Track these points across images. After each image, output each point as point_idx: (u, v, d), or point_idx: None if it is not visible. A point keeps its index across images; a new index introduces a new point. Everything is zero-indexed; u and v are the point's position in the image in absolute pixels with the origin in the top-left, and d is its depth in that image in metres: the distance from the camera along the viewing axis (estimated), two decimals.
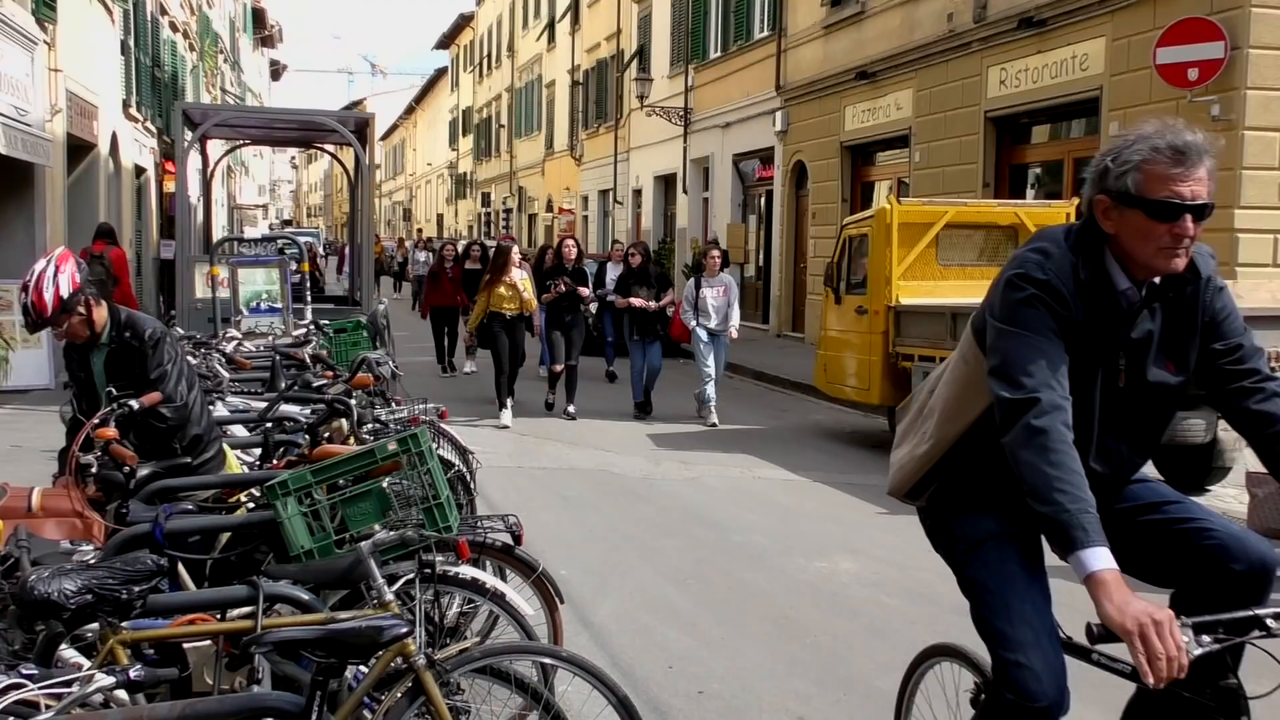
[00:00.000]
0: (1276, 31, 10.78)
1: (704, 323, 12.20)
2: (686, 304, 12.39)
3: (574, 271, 12.71)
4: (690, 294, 12.34)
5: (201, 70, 31.01)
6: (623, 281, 13.33)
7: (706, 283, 12.28)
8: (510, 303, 11.66)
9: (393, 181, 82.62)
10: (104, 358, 4.67)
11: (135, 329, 4.65)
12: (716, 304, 12.20)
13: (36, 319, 4.47)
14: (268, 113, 19.69)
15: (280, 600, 3.35)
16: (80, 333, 4.59)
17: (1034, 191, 14.71)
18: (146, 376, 4.59)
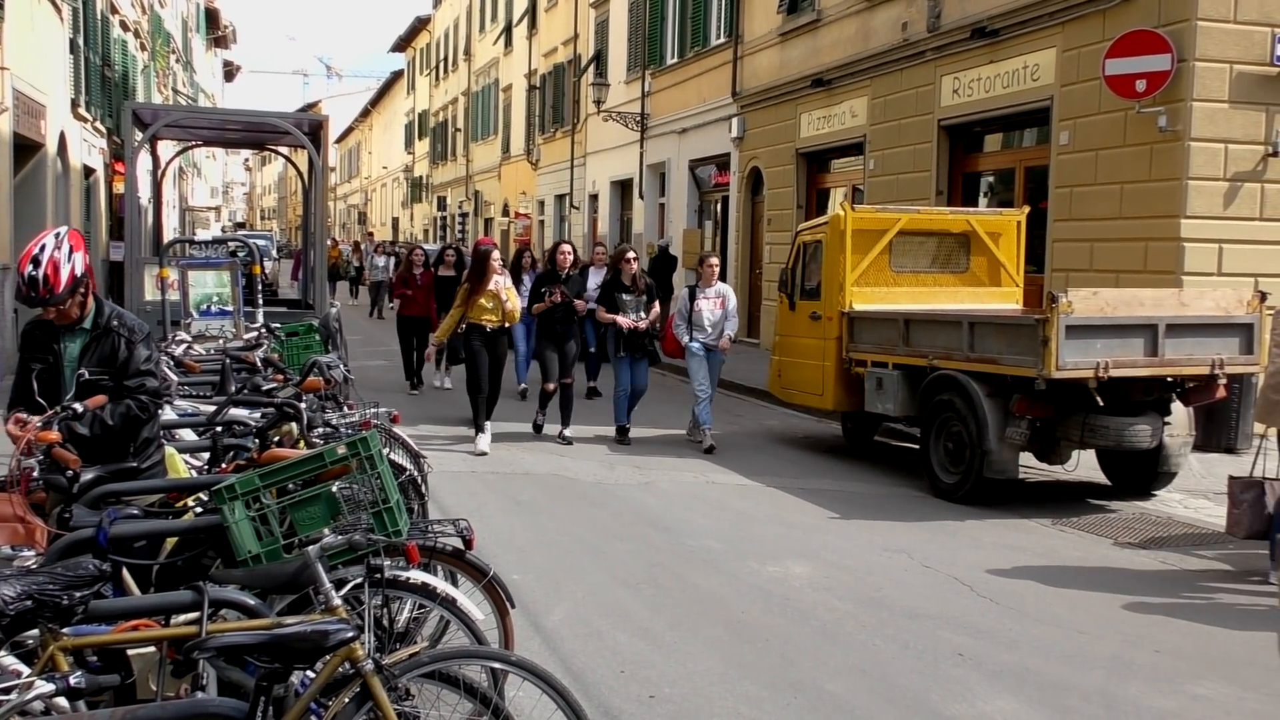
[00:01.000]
0: (1221, 45, 10.98)
1: (699, 337, 11.12)
2: (679, 316, 11.28)
3: (569, 279, 11.34)
4: (684, 305, 11.28)
5: (153, 70, 30.63)
6: (607, 290, 11.47)
7: (702, 293, 11.23)
8: (492, 314, 10.38)
9: (348, 185, 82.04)
10: (80, 344, 4.59)
11: (124, 322, 4.66)
12: (713, 317, 11.15)
13: (44, 295, 4.35)
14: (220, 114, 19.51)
15: (226, 605, 3.31)
16: (72, 315, 4.53)
17: (986, 199, 14.87)
18: (125, 369, 4.56)
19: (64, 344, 4.59)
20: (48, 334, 4.60)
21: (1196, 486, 9.37)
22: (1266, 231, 11.21)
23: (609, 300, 11.27)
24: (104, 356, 4.57)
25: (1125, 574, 7.00)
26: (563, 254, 11.46)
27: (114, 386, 4.56)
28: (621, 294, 11.19)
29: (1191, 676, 5.25)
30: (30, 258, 4.34)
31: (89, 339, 4.59)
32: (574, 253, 11.80)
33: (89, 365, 4.54)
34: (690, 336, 11.13)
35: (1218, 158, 11.08)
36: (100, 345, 4.58)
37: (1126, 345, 8.08)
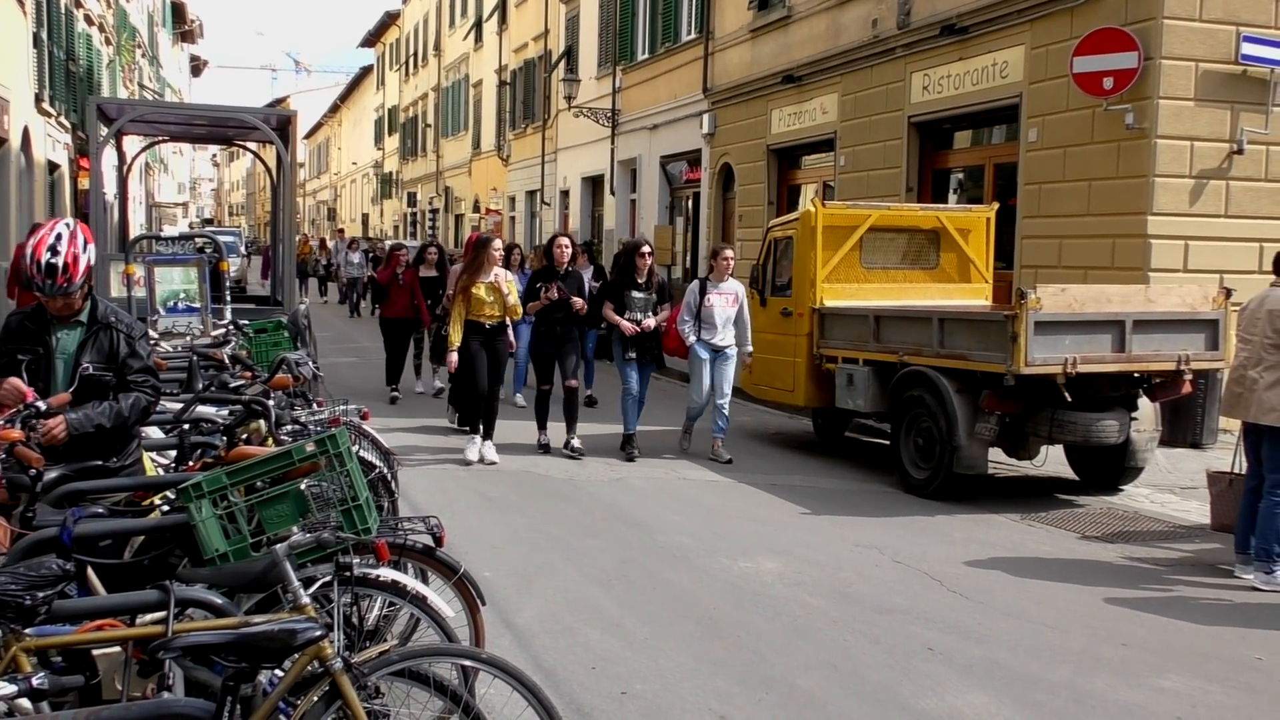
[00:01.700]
0: (1187, 43, 11.07)
1: (707, 337, 10.24)
2: (686, 313, 10.30)
3: (567, 276, 10.48)
4: (692, 301, 10.30)
5: (118, 65, 30.32)
6: (615, 287, 10.51)
7: (714, 288, 10.31)
8: (491, 308, 9.66)
9: (317, 180, 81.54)
10: (77, 337, 4.54)
11: (122, 320, 4.64)
12: (724, 315, 10.26)
13: (62, 283, 4.30)
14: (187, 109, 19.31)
15: (192, 604, 3.28)
16: (76, 306, 4.50)
17: (956, 196, 14.94)
18: (128, 365, 4.54)
19: (56, 336, 4.54)
20: (39, 325, 4.53)
21: (1163, 481, 9.46)
22: (1232, 229, 11.33)
23: (616, 298, 10.34)
24: (104, 352, 4.53)
25: (1093, 568, 7.06)
26: (560, 248, 10.55)
27: (116, 382, 4.54)
28: (631, 292, 10.26)
29: (1158, 670, 5.30)
30: (46, 246, 4.29)
31: (86, 333, 4.54)
32: (572, 246, 10.91)
33: (90, 360, 4.50)
34: (697, 335, 10.25)
35: (1184, 155, 11.18)
36: (99, 340, 4.54)
37: (1094, 341, 8.15)
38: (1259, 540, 6.66)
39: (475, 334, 9.69)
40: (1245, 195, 11.39)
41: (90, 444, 4.47)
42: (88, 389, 4.47)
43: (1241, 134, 11.22)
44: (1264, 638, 5.79)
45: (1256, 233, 11.38)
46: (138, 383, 4.56)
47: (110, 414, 4.43)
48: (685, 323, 10.28)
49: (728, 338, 10.29)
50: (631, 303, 10.22)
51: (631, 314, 10.17)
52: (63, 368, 4.52)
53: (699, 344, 10.23)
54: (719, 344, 10.27)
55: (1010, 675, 5.19)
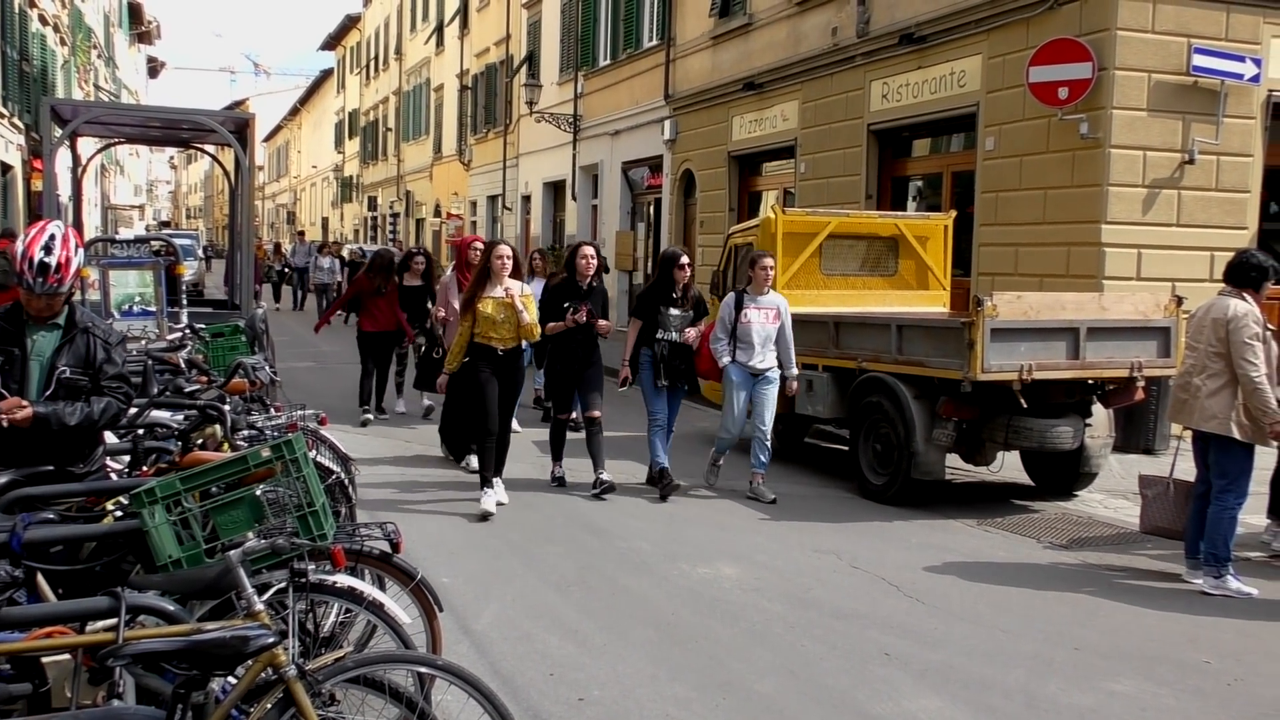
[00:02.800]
0: (1140, 54, 11.24)
1: (743, 359, 8.95)
2: (721, 329, 9.05)
3: (590, 292, 9.04)
4: (727, 316, 9.00)
5: (73, 66, 29.96)
6: (649, 302, 9.19)
7: (752, 301, 8.98)
8: (503, 329, 8.19)
9: (276, 184, 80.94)
10: (54, 340, 4.50)
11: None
12: (763, 333, 8.94)
13: (53, 282, 4.31)
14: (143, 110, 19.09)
15: (144, 611, 3.25)
16: (57, 308, 4.48)
17: (914, 203, 15.08)
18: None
19: (32, 338, 4.49)
20: (14, 326, 4.48)
21: (1116, 487, 9.57)
22: (1183, 237, 11.50)
23: (649, 315, 9.07)
24: (80, 356, 4.51)
25: (1047, 573, 7.14)
26: (584, 260, 9.04)
27: (91, 387, 4.53)
28: (669, 309, 9.01)
29: (1109, 674, 5.37)
30: (40, 245, 4.29)
31: (63, 337, 4.50)
32: (598, 257, 9.33)
33: (68, 364, 4.46)
34: (732, 356, 8.96)
35: (1137, 165, 11.34)
36: (75, 345, 4.51)
37: (1049, 348, 8.24)
38: (1208, 545, 6.77)
39: (484, 360, 8.20)
40: (1196, 204, 11.57)
41: (57, 448, 4.43)
42: (63, 393, 4.45)
43: (1193, 144, 11.40)
44: (1212, 641, 5.87)
45: (1207, 241, 11.56)
46: (111, 388, 4.54)
47: (80, 414, 4.42)
48: (719, 341, 8.99)
49: (768, 359, 8.97)
50: (667, 322, 8.98)
51: (667, 335, 8.96)
52: (38, 370, 4.48)
53: (734, 366, 8.94)
54: (758, 367, 8.94)
55: (965, 679, 5.24)
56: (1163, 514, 7.27)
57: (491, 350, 8.20)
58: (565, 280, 9.19)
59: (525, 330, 8.23)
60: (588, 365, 9.01)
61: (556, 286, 9.31)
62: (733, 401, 8.96)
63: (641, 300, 9.36)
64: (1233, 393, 6.62)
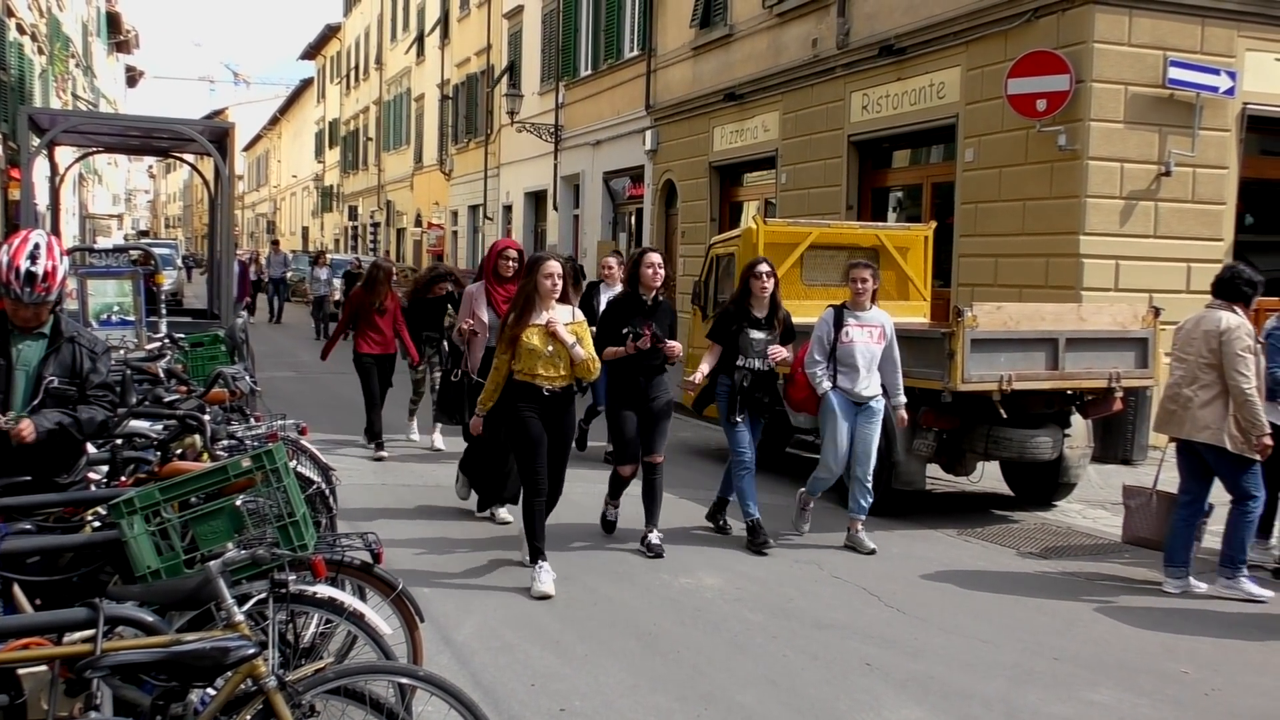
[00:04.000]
0: (1117, 67, 11.33)
1: (845, 384, 7.76)
2: (816, 351, 7.85)
3: (657, 309, 7.57)
4: (825, 335, 7.83)
5: (51, 74, 29.80)
6: (727, 322, 7.82)
7: (853, 317, 7.83)
8: (551, 365, 6.64)
9: (256, 193, 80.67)
10: (39, 349, 4.47)
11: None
12: (867, 354, 7.74)
13: (40, 291, 4.29)
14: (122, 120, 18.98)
15: (122, 622, 3.22)
16: (44, 318, 4.46)
17: (895, 214, 15.14)
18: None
19: (17, 348, 4.46)
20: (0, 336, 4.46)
21: (1095, 497, 9.62)
22: (1160, 249, 11.59)
23: (727, 337, 7.77)
24: (66, 366, 4.49)
25: (1027, 583, 7.16)
26: (651, 269, 7.52)
27: (78, 397, 4.51)
28: (750, 329, 7.70)
29: (1088, 683, 5.39)
30: (25, 254, 4.27)
31: (49, 346, 4.47)
32: (664, 266, 7.74)
33: (54, 374, 4.44)
34: (833, 382, 7.80)
35: (1114, 176, 11.43)
36: (61, 354, 4.49)
37: (1029, 359, 8.28)
38: (1226, 548, 6.87)
39: (527, 401, 6.65)
40: (1173, 216, 11.67)
41: (41, 458, 4.41)
42: (51, 403, 4.43)
43: (1169, 156, 11.50)
44: (1190, 651, 5.91)
45: (1184, 253, 11.66)
46: (97, 397, 4.53)
47: (69, 421, 4.41)
48: (816, 364, 7.80)
49: (873, 385, 7.77)
50: (749, 345, 7.67)
51: (750, 361, 7.65)
52: (24, 380, 4.45)
53: (835, 394, 7.76)
54: (863, 394, 7.75)
55: (945, 689, 5.25)
56: (1145, 524, 7.32)
57: (536, 390, 6.61)
58: (627, 295, 7.67)
59: (581, 367, 6.69)
60: (651, 399, 7.49)
61: (616, 303, 7.79)
62: (835, 435, 7.73)
63: (720, 322, 7.90)
64: (1224, 403, 6.69)
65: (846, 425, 7.73)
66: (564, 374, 6.68)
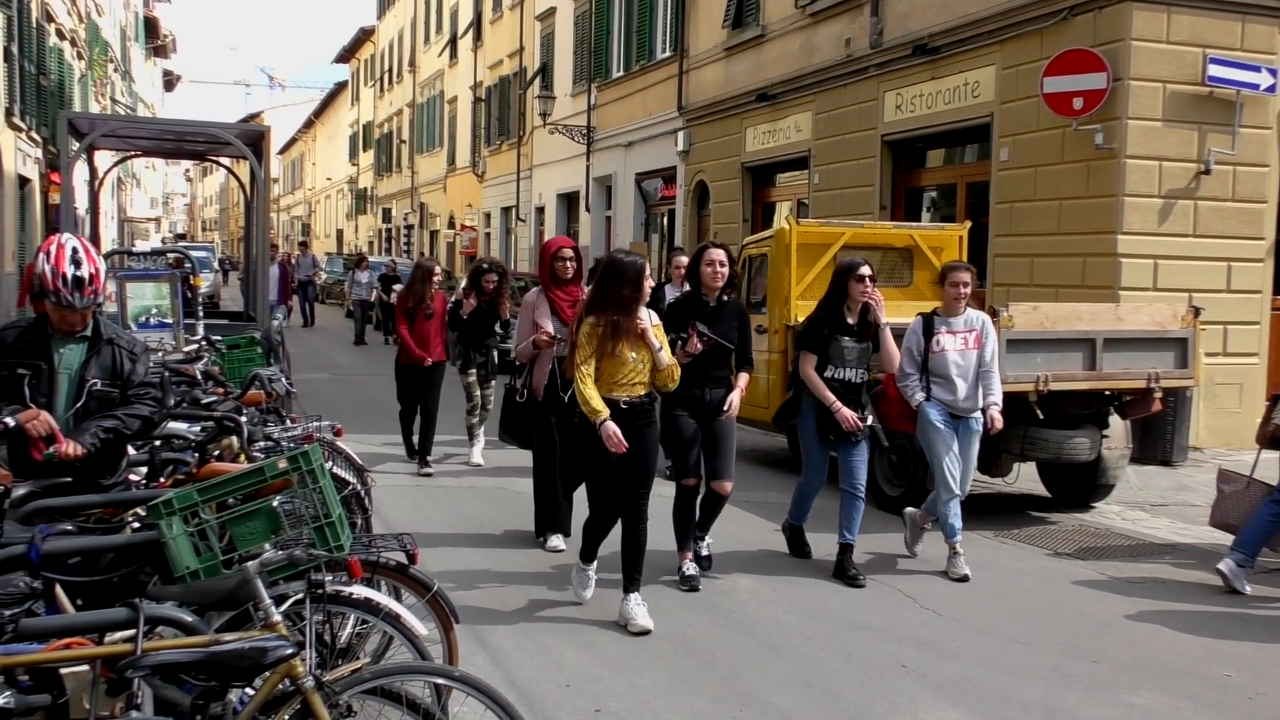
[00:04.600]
0: (1155, 64, 11.21)
1: (941, 396, 7.15)
2: (908, 363, 7.23)
3: (722, 310, 6.77)
4: (915, 345, 7.23)
5: (90, 79, 30.17)
6: (816, 330, 7.02)
7: (944, 323, 7.21)
8: (635, 372, 5.94)
9: (291, 196, 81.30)
10: (81, 352, 4.52)
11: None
12: (961, 362, 7.13)
13: (88, 295, 4.33)
14: (159, 124, 19.21)
15: (162, 622, 3.25)
16: (81, 324, 4.49)
17: (929, 214, 15.05)
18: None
19: (59, 352, 4.51)
20: (40, 340, 4.49)
21: (1134, 499, 9.53)
22: (1200, 248, 11.46)
23: (818, 345, 6.97)
24: (106, 368, 4.52)
25: (1064, 585, 7.09)
26: (711, 266, 6.73)
27: (120, 398, 4.55)
28: (841, 338, 6.93)
29: (1128, 686, 5.33)
30: (68, 259, 4.30)
31: (89, 349, 4.52)
32: (729, 263, 6.85)
33: (96, 376, 4.49)
34: (927, 395, 7.19)
35: (1152, 175, 11.31)
36: (102, 356, 4.53)
37: (1065, 359, 8.21)
38: None
39: (618, 418, 5.91)
40: (1213, 215, 11.53)
41: (88, 461, 4.44)
42: (94, 405, 4.46)
43: (1209, 154, 11.36)
44: (1233, 654, 5.83)
45: (1224, 252, 11.53)
46: (139, 396, 4.55)
47: (113, 425, 4.44)
48: (908, 378, 7.21)
49: (973, 398, 7.16)
50: (841, 356, 6.91)
51: (839, 371, 6.91)
52: (66, 383, 4.49)
53: (931, 406, 7.15)
54: (963, 406, 7.14)
55: (982, 692, 5.21)
56: (1236, 511, 7.25)
57: (612, 404, 5.88)
58: (687, 296, 6.94)
59: (663, 375, 5.99)
60: (716, 413, 6.75)
61: (677, 304, 7.02)
62: (939, 449, 7.09)
63: (810, 329, 7.10)
64: None
65: (951, 439, 7.10)
66: (644, 382, 5.98)
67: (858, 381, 6.99)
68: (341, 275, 35.87)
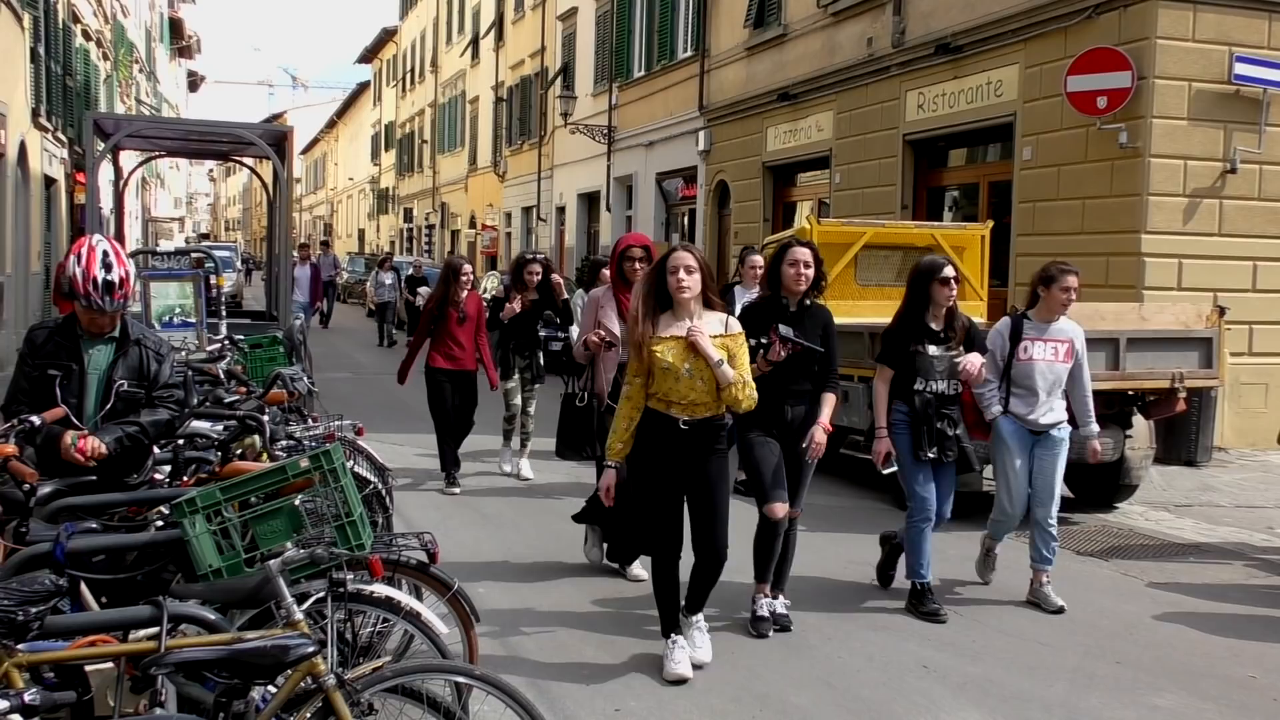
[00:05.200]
0: (1180, 63, 11.14)
1: (1020, 410, 6.45)
2: (988, 368, 6.37)
3: (806, 314, 5.82)
4: (999, 350, 6.51)
5: (115, 80, 30.38)
6: (900, 337, 6.31)
7: (1035, 329, 6.50)
8: (692, 389, 5.07)
9: (313, 196, 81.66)
10: (109, 353, 4.56)
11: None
12: (1050, 374, 6.45)
13: (118, 298, 4.37)
14: (183, 124, 19.32)
15: (185, 620, 3.27)
16: (109, 325, 4.54)
17: (951, 214, 14.99)
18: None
19: (89, 353, 4.55)
20: (69, 341, 4.53)
21: (1157, 499, 9.46)
22: (1225, 247, 11.38)
23: (901, 357, 6.26)
24: (133, 369, 4.57)
25: (1087, 585, 7.05)
26: (794, 266, 5.76)
27: (146, 399, 4.59)
28: (926, 345, 6.20)
29: (1151, 688, 5.30)
30: (99, 262, 4.33)
31: (117, 350, 4.56)
32: (814, 263, 5.81)
33: (123, 377, 4.52)
34: (1004, 406, 6.50)
35: (1177, 174, 11.23)
36: (130, 357, 4.56)
37: (1089, 359, 8.13)
38: None
39: (657, 439, 5.14)
40: (1238, 214, 11.45)
41: (113, 461, 4.49)
42: (122, 406, 4.51)
43: (1234, 153, 11.29)
44: (1258, 655, 5.79)
45: (1250, 251, 11.44)
46: (163, 398, 4.60)
47: (134, 430, 4.49)
48: (986, 385, 6.44)
49: (1055, 411, 6.51)
50: (928, 366, 6.19)
51: (929, 384, 6.20)
52: (95, 384, 4.53)
53: (1007, 420, 6.49)
54: (1040, 422, 6.46)
55: (1004, 693, 5.19)
56: None
57: (670, 422, 5.10)
58: (765, 299, 5.98)
59: (728, 394, 5.07)
60: (794, 428, 5.87)
61: (753, 308, 6.04)
62: (1007, 469, 6.51)
63: (890, 338, 6.40)
64: None
65: (1020, 459, 6.48)
66: (708, 400, 5.09)
67: (951, 393, 6.23)
68: (363, 275, 35.99)
